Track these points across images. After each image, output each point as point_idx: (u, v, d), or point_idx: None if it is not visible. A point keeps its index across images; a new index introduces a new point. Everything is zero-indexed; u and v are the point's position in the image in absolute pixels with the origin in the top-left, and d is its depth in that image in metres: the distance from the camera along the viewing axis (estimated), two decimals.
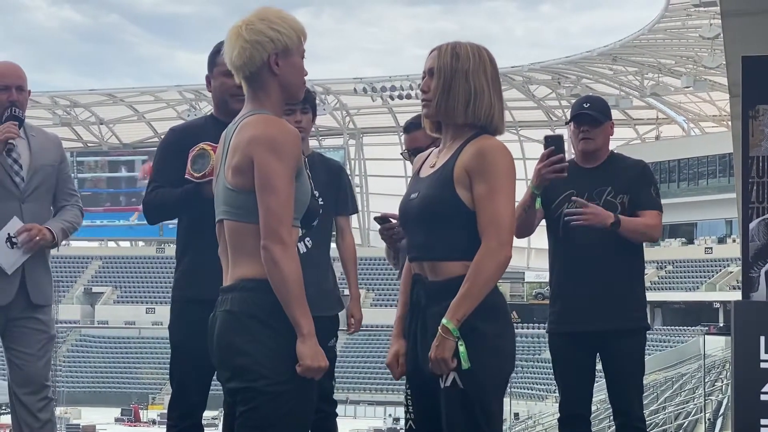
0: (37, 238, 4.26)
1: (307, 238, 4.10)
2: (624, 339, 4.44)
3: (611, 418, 5.84)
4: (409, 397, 3.34)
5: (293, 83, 3.05)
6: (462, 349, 3.03)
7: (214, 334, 3.00)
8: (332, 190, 4.46)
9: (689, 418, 22.09)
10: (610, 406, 4.79)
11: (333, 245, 4.62)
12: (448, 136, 3.26)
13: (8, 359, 4.32)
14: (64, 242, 4.60)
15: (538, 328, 50.57)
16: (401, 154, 4.54)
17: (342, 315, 4.49)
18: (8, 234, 4.23)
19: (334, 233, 4.61)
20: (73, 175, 4.78)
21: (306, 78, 3.11)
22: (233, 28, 3.02)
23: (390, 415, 46.01)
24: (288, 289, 2.86)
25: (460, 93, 3.16)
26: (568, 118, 4.61)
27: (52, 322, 4.41)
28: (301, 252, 3.00)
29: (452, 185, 3.13)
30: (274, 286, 2.87)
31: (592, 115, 4.51)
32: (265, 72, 3.00)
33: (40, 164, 4.36)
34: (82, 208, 4.60)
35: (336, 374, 4.52)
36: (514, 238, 3.30)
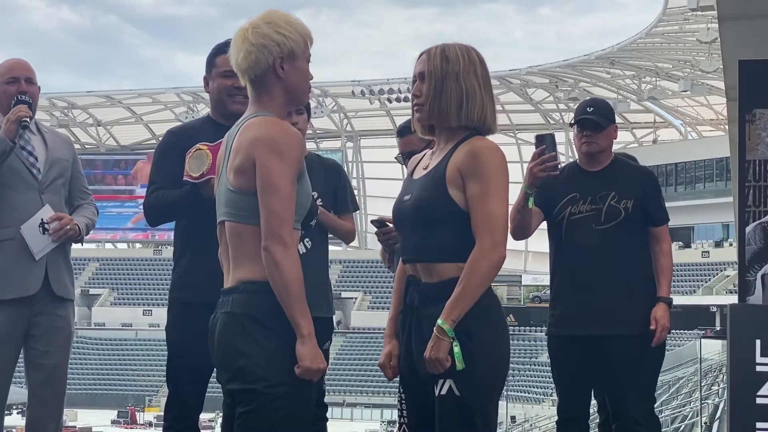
0: (68, 227, 4.30)
1: (307, 239, 4.10)
2: (624, 344, 4.43)
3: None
4: (403, 401, 3.33)
5: (298, 87, 3.05)
6: (456, 349, 3.03)
7: (215, 336, 3.00)
8: (331, 189, 4.46)
9: (686, 422, 22.04)
10: (608, 408, 4.78)
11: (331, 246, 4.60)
12: (441, 138, 3.24)
13: (29, 360, 4.32)
14: None
15: (535, 331, 50.47)
16: (395, 157, 4.52)
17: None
18: (41, 219, 4.27)
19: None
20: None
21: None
22: (239, 30, 3.01)
23: (385, 420, 45.92)
24: (289, 290, 2.86)
25: (452, 95, 3.15)
26: (571, 120, 4.62)
27: (72, 319, 4.44)
28: (301, 252, 3.00)
29: (445, 186, 3.12)
30: (274, 287, 2.87)
31: (594, 120, 4.51)
32: (270, 75, 3.00)
33: (55, 158, 4.41)
34: (96, 206, 4.64)
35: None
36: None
